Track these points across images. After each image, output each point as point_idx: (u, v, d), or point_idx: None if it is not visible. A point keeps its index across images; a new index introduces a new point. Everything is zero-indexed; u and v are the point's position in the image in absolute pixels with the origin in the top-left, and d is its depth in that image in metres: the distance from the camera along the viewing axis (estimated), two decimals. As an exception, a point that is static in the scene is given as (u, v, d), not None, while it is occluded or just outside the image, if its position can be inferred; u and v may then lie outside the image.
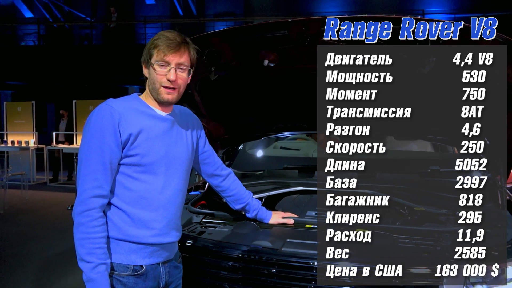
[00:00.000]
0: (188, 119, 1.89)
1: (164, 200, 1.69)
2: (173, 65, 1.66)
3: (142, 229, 1.64)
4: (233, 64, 2.48)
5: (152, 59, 1.66)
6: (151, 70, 1.67)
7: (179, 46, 1.66)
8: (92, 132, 1.60)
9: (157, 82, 1.67)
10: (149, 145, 1.65)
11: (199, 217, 2.33)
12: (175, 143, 1.75)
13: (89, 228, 1.55)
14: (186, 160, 1.79)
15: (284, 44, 2.25)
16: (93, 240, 1.55)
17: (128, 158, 1.63)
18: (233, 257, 1.89)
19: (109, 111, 1.60)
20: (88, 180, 1.57)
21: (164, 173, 1.69)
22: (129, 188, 1.64)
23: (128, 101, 1.70)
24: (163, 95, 1.68)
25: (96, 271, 1.54)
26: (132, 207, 1.63)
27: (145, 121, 1.67)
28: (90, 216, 1.56)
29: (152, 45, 1.66)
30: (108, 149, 1.58)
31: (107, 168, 1.59)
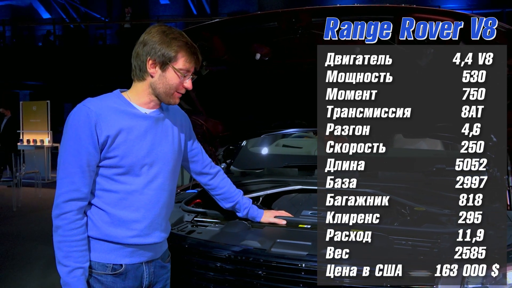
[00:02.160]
0: (176, 115, 1.84)
1: (146, 201, 1.65)
2: (191, 73, 1.66)
3: (122, 230, 1.61)
4: (226, 59, 2.42)
5: (175, 64, 1.62)
6: (168, 74, 1.63)
7: (197, 54, 1.65)
8: (69, 135, 1.57)
9: (174, 88, 1.65)
10: (128, 146, 1.61)
11: (191, 216, 2.29)
12: (159, 142, 1.70)
13: (66, 231, 1.54)
14: (172, 159, 1.74)
15: (276, 37, 2.20)
16: (70, 243, 1.54)
17: (107, 160, 1.59)
18: (220, 257, 1.85)
19: (86, 112, 1.56)
20: (65, 184, 1.55)
21: (146, 173, 1.65)
22: (109, 190, 1.61)
23: (107, 100, 1.65)
24: (175, 99, 1.68)
25: (72, 275, 1.53)
26: (112, 208, 1.60)
27: (125, 121, 1.62)
28: (67, 219, 1.54)
29: (172, 49, 1.61)
30: (85, 151, 1.55)
31: (85, 171, 1.56)
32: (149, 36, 1.63)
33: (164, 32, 1.62)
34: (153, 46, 1.61)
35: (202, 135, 2.91)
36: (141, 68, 1.65)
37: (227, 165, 3.20)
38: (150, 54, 1.62)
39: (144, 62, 1.63)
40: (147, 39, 1.63)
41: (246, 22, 2.23)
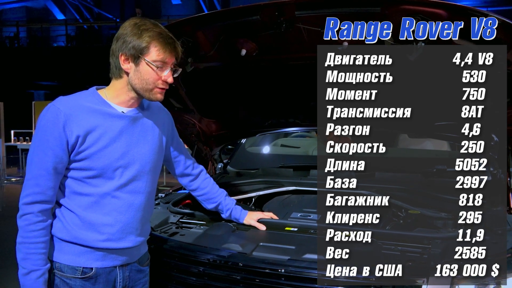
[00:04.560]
0: (159, 114, 1.74)
1: (118, 204, 1.57)
2: (170, 65, 1.55)
3: (93, 233, 1.53)
4: (212, 55, 2.32)
5: (147, 57, 1.51)
6: (142, 68, 1.52)
7: (174, 44, 1.55)
8: (37, 136, 1.50)
9: (152, 83, 1.54)
10: (100, 148, 1.52)
11: (177, 217, 2.22)
12: (136, 143, 1.60)
13: (25, 233, 1.48)
14: (151, 160, 1.65)
15: (260, 31, 2.11)
16: (28, 245, 1.48)
17: (76, 163, 1.51)
18: (199, 261, 1.78)
19: (54, 112, 1.47)
20: (29, 185, 1.49)
21: (120, 176, 1.56)
22: (79, 193, 1.54)
23: (80, 98, 1.55)
24: (157, 95, 1.57)
25: (28, 278, 1.48)
26: (83, 211, 1.53)
27: (97, 121, 1.52)
28: (28, 220, 1.48)
29: (143, 40, 1.49)
30: (52, 154, 1.47)
31: (51, 173, 1.48)
32: (122, 30, 1.53)
33: (135, 24, 1.52)
34: (124, 40, 1.51)
35: (196, 134, 2.86)
36: (116, 65, 1.55)
37: (223, 165, 3.14)
38: (121, 49, 1.52)
39: (118, 59, 1.53)
40: (120, 33, 1.53)
41: (228, 16, 2.13)
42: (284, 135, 3.63)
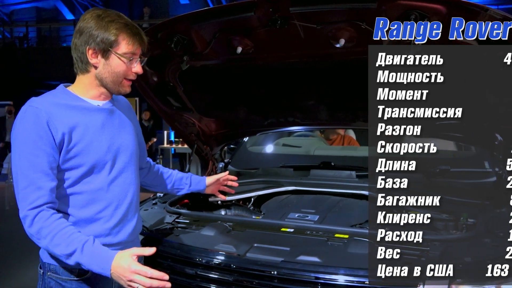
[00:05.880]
0: (126, 106, 1.73)
1: (112, 198, 1.55)
2: (139, 57, 1.54)
3: (89, 230, 1.49)
4: (208, 53, 2.28)
5: (117, 49, 1.48)
6: (113, 61, 1.50)
7: (141, 34, 1.53)
8: (20, 141, 1.42)
9: (121, 75, 1.52)
10: (87, 143, 1.49)
11: (173, 217, 2.19)
12: (118, 133, 1.59)
13: (48, 227, 1.38)
14: (135, 151, 1.64)
15: (256, 28, 2.08)
16: (60, 233, 1.38)
17: (67, 162, 1.47)
18: (192, 262, 1.76)
19: (34, 112, 1.43)
20: (29, 193, 1.40)
21: (110, 169, 1.54)
22: (73, 193, 1.50)
23: (54, 97, 1.52)
24: (125, 88, 1.56)
25: (86, 249, 1.37)
26: (77, 210, 1.50)
27: (78, 116, 1.49)
28: (43, 217, 1.39)
29: (111, 32, 1.47)
30: (43, 153, 1.41)
31: (49, 173, 1.42)
32: (84, 23, 1.49)
33: (99, 16, 1.49)
34: (90, 34, 1.47)
35: (196, 134, 2.84)
36: (82, 60, 1.52)
37: (224, 164, 3.11)
38: (88, 43, 1.48)
39: (84, 53, 1.50)
40: (83, 26, 1.49)
41: (222, 13, 2.10)
42: (288, 134, 3.57)
